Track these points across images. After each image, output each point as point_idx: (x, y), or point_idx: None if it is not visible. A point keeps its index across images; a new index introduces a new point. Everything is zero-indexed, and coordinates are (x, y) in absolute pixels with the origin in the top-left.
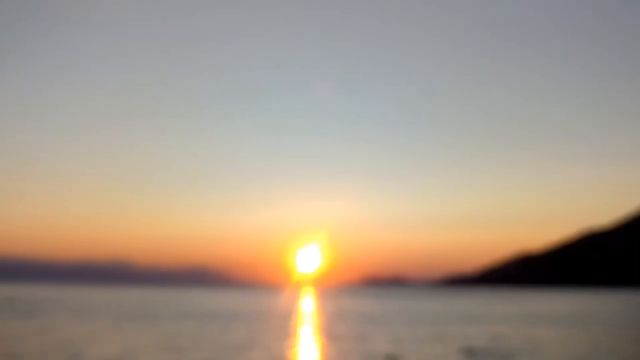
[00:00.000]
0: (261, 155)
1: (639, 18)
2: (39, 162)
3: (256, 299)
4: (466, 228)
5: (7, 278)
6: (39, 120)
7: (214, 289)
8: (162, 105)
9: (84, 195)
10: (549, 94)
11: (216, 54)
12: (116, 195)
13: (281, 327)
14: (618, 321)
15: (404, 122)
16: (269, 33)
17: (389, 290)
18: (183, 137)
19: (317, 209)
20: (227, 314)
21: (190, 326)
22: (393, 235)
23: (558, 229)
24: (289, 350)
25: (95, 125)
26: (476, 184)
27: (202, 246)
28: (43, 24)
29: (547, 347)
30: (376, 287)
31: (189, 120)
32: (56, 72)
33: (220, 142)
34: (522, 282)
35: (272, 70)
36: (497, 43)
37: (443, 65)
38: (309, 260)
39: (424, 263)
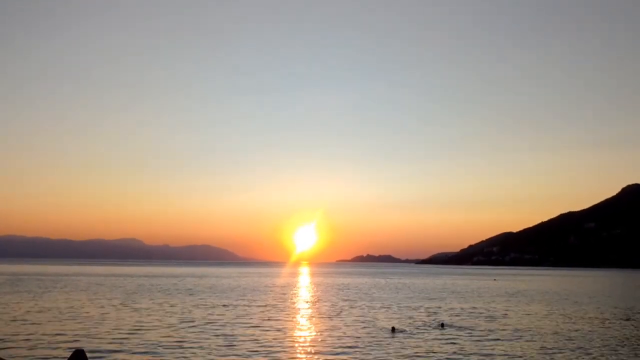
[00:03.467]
0: (262, 141)
1: (623, 11)
2: (56, 147)
3: (258, 273)
4: (454, 210)
5: (26, 256)
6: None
7: (218, 264)
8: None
9: (99, 178)
10: (536, 85)
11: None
12: (128, 178)
13: (284, 301)
14: (592, 298)
15: (398, 109)
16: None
17: (381, 267)
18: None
19: (313, 190)
20: (231, 287)
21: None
22: (385, 216)
23: (539, 211)
24: (297, 325)
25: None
26: (463, 169)
27: (206, 226)
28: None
29: (515, 320)
30: (369, 264)
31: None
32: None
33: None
34: (503, 261)
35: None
36: (496, 32)
37: (439, 57)
38: (305, 238)
39: (414, 242)
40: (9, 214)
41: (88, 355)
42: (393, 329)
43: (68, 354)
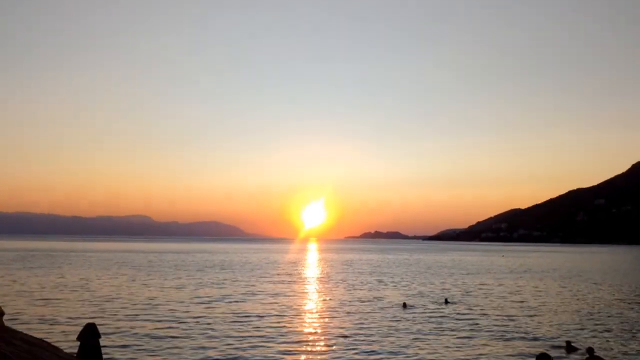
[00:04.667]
0: (270, 118)
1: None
2: (66, 125)
3: (267, 249)
4: (462, 186)
5: (37, 233)
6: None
7: (226, 241)
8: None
9: (108, 155)
10: (546, 63)
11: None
12: (138, 155)
13: (294, 278)
14: (606, 275)
15: (408, 87)
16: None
17: (389, 243)
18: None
19: (322, 167)
20: (241, 263)
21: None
22: (393, 193)
23: (548, 188)
24: (308, 301)
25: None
26: (472, 146)
27: (215, 203)
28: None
29: (526, 296)
30: (377, 240)
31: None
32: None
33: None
34: (511, 238)
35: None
36: (494, 9)
37: (450, 34)
38: (314, 215)
39: (422, 219)
40: (20, 192)
41: (100, 329)
42: (404, 305)
43: (80, 328)
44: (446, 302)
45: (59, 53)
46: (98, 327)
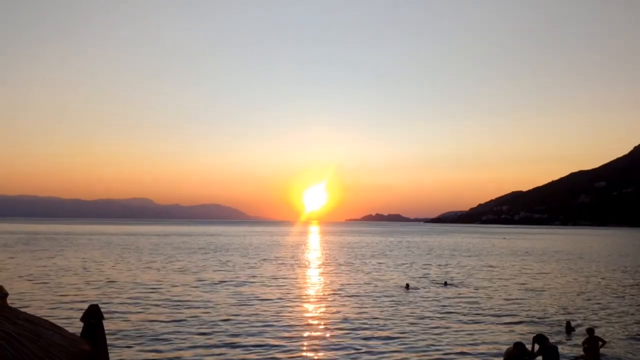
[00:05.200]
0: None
1: None
2: (67, 108)
3: (268, 232)
4: (463, 169)
5: (38, 216)
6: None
7: (228, 223)
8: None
9: (110, 138)
10: (547, 43)
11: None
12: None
13: (297, 260)
14: (609, 257)
15: (409, 68)
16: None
17: (390, 226)
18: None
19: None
20: (243, 246)
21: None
22: (394, 175)
23: (549, 170)
24: (312, 283)
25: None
26: (473, 128)
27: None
28: None
29: (529, 278)
30: (378, 223)
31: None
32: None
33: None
34: (512, 220)
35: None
36: None
37: (441, 16)
38: (315, 198)
39: (423, 201)
40: (21, 174)
41: (103, 311)
42: (407, 286)
43: (83, 310)
44: (445, 284)
45: (60, 37)
46: (101, 309)
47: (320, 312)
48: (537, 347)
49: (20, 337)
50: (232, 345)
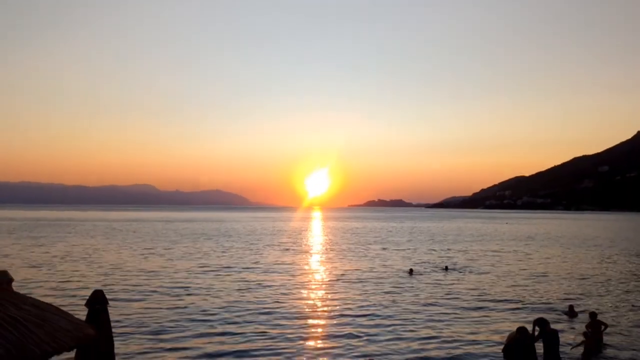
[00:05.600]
0: (274, 84)
1: None
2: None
3: (271, 218)
4: (466, 154)
5: (41, 202)
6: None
7: (230, 209)
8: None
9: (112, 124)
10: (550, 27)
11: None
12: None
13: (300, 246)
14: (613, 241)
15: (411, 52)
16: None
17: (393, 211)
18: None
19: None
20: (246, 231)
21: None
22: (396, 160)
23: (552, 155)
24: (315, 269)
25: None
26: (476, 113)
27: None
28: None
29: (535, 262)
30: (380, 209)
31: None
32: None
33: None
34: (515, 205)
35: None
36: None
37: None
38: (317, 183)
39: (425, 186)
40: (24, 161)
41: (107, 297)
42: (411, 271)
43: (87, 295)
44: (446, 268)
45: (59, 21)
46: (105, 294)
47: (323, 298)
48: (537, 330)
49: (26, 322)
50: (233, 334)
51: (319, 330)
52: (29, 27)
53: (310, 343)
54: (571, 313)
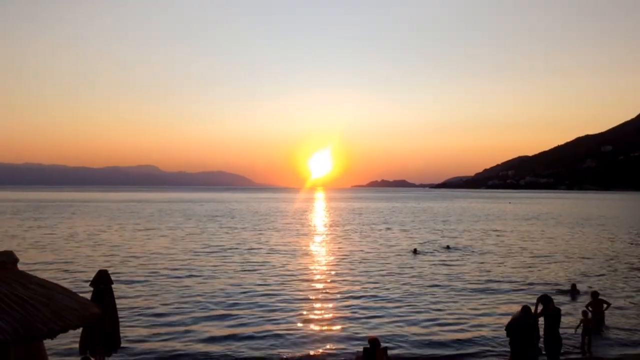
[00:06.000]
0: (277, 65)
1: None
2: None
3: (274, 199)
4: (469, 134)
5: (44, 184)
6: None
7: (233, 190)
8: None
9: (116, 105)
10: (551, 6)
11: None
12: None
13: (305, 226)
14: (618, 220)
15: (414, 32)
16: None
17: (396, 192)
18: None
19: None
20: (250, 212)
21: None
22: (399, 141)
23: (555, 135)
24: (321, 249)
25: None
26: (479, 93)
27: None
28: None
29: (541, 244)
30: (384, 189)
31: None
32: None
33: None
34: (518, 185)
35: None
36: None
37: None
38: (320, 164)
39: (428, 167)
40: (27, 143)
41: (113, 278)
42: (415, 251)
43: (92, 275)
44: (448, 248)
45: (62, 2)
46: (110, 275)
47: (328, 280)
48: (540, 307)
49: (32, 301)
50: (237, 316)
51: (323, 312)
52: (28, 9)
53: (314, 325)
54: (574, 292)
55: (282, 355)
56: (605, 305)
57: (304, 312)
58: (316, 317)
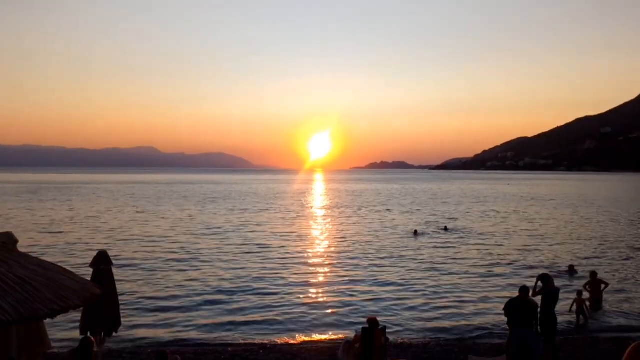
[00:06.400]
0: (276, 46)
1: None
2: (71, 57)
3: (274, 180)
4: (468, 115)
5: (42, 165)
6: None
7: (233, 172)
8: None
9: (114, 86)
10: None
11: None
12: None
13: (305, 208)
14: (604, 202)
15: (413, 13)
16: None
17: (395, 173)
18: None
19: (328, 97)
20: (250, 194)
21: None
22: (399, 122)
23: (555, 116)
24: (323, 230)
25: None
26: (478, 74)
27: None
28: None
29: (540, 225)
30: (383, 171)
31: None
32: None
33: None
34: (517, 166)
35: None
36: None
37: None
38: (320, 146)
39: (427, 148)
40: (25, 124)
41: (113, 259)
42: (415, 232)
43: (91, 257)
44: (446, 229)
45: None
46: (110, 256)
47: (328, 262)
48: (540, 287)
49: (33, 281)
50: (233, 302)
51: (323, 295)
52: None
53: (314, 308)
54: (571, 272)
55: (280, 340)
56: (603, 286)
57: (304, 295)
58: (316, 300)
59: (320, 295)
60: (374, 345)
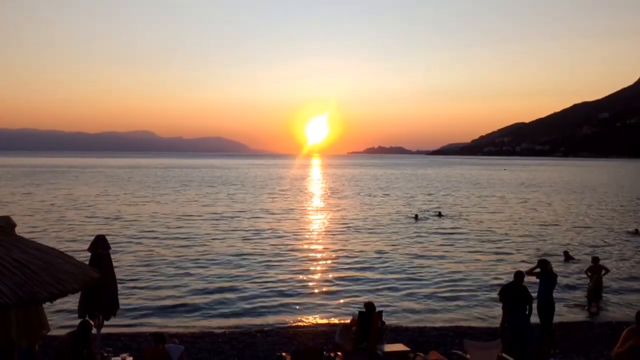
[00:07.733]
0: (273, 30)
1: None
2: (68, 41)
3: (272, 165)
4: (465, 100)
5: (39, 149)
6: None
7: (230, 157)
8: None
9: (111, 70)
10: None
11: None
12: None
13: (304, 193)
14: (601, 188)
15: (407, 2)
16: None
17: (392, 158)
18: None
19: (325, 82)
20: (248, 178)
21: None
22: (396, 107)
23: (552, 102)
24: (323, 215)
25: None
26: (475, 59)
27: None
28: None
29: (540, 211)
30: (380, 156)
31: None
32: None
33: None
34: (514, 151)
35: None
36: None
37: None
38: (317, 130)
39: (425, 133)
40: (22, 108)
41: (110, 243)
42: (416, 217)
43: (89, 242)
44: (439, 215)
45: None
46: (108, 241)
47: (331, 244)
48: (538, 271)
49: (31, 265)
50: (233, 290)
51: (322, 280)
52: None
53: (312, 293)
54: (566, 258)
55: (278, 323)
56: (603, 271)
57: (302, 280)
58: (314, 284)
59: (318, 280)
60: (371, 329)
